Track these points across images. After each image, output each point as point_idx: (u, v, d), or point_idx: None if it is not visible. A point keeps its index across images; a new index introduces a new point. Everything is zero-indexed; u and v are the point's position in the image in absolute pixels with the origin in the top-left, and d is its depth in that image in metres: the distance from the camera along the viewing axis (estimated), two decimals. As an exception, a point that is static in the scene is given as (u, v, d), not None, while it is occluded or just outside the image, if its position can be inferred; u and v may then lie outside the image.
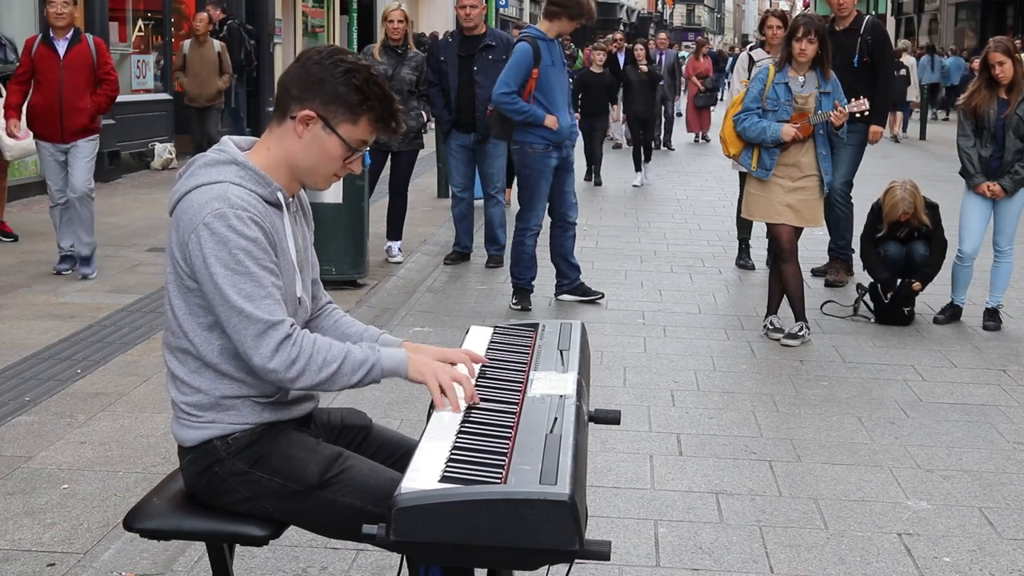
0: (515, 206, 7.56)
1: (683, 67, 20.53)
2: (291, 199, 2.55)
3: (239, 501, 2.49)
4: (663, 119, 18.33)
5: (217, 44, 12.86)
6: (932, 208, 7.08)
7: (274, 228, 2.45)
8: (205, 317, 2.43)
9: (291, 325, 2.39)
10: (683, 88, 21.48)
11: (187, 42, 12.93)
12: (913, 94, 21.18)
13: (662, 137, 18.39)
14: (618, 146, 18.59)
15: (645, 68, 15.17)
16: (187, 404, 2.51)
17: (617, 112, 17.06)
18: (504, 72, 7.00)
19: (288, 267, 2.49)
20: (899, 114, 20.52)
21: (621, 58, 17.87)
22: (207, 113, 12.86)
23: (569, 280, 7.44)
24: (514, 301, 7.30)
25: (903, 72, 19.27)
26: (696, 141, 19.78)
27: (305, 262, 2.62)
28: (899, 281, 7.02)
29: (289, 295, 2.49)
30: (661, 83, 17.18)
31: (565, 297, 7.44)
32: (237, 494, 2.49)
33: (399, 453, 2.68)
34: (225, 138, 2.58)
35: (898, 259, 7.06)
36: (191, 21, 15.60)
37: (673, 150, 18.59)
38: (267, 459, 2.47)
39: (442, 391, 2.43)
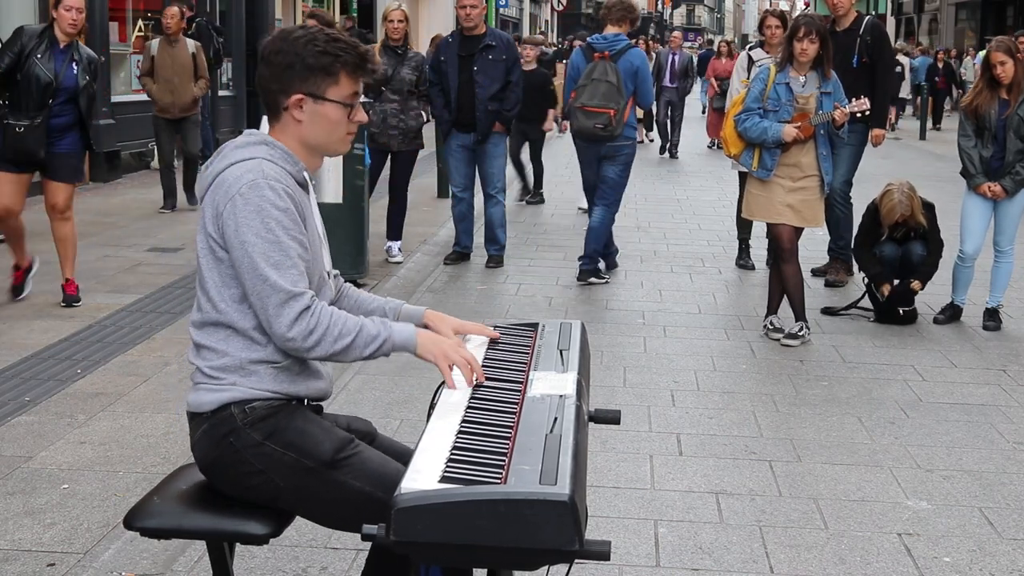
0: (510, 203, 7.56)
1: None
2: (312, 179, 2.67)
3: (250, 474, 2.51)
4: (669, 125, 17.37)
5: (191, 44, 10.95)
6: (928, 208, 7.08)
7: (302, 204, 2.55)
8: (237, 288, 2.51)
9: (311, 297, 2.48)
10: (692, 89, 20.02)
11: (154, 42, 10.91)
12: (905, 90, 22.29)
13: (668, 144, 17.47)
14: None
15: (533, 65, 11.58)
16: (212, 368, 2.55)
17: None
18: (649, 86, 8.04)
19: (316, 241, 2.60)
20: (892, 108, 20.74)
21: None
22: (184, 126, 10.82)
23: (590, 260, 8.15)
24: (607, 277, 8.11)
25: (898, 69, 19.51)
26: (711, 147, 18.23)
27: (325, 240, 2.73)
28: (897, 281, 7.02)
29: (317, 270, 2.59)
30: (673, 85, 16.59)
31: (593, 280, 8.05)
32: (249, 466, 2.51)
33: (401, 462, 2.69)
34: (247, 131, 2.68)
35: (894, 259, 7.06)
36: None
37: (676, 158, 17.38)
38: (282, 432, 2.52)
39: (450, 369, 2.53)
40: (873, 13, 32.27)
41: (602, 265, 8.23)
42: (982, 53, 24.85)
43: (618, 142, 7.82)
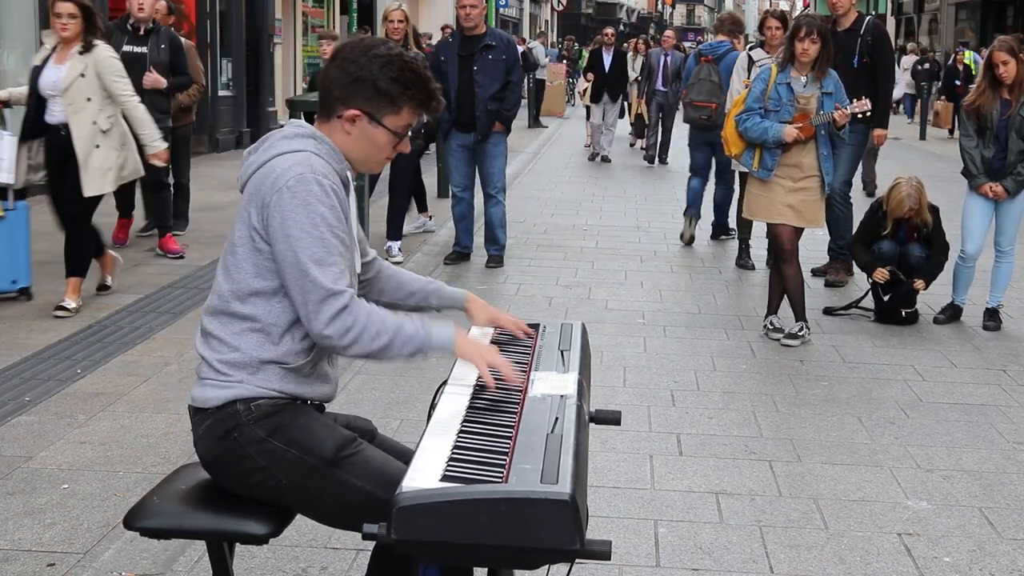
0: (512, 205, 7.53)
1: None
2: (355, 180, 2.71)
3: (253, 470, 2.51)
4: (660, 130, 16.34)
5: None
6: (933, 210, 7.07)
7: (343, 201, 2.56)
8: (272, 281, 2.50)
9: (351, 296, 2.49)
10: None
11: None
12: (899, 91, 22.72)
13: (656, 151, 16.40)
14: (594, 156, 16.84)
15: None
16: (220, 361, 2.54)
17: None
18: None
19: (351, 241, 2.61)
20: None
21: (607, 58, 16.69)
22: (174, 141, 8.48)
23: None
24: (733, 233, 9.57)
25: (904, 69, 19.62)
26: None
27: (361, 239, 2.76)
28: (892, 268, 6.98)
29: (351, 268, 2.59)
30: (664, 88, 15.73)
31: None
32: (252, 462, 2.51)
33: (401, 461, 2.69)
34: (295, 121, 2.70)
35: (892, 258, 7.04)
36: (190, 21, 15.65)
37: (666, 164, 16.24)
38: (286, 429, 2.52)
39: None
40: (873, 13, 32.25)
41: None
42: (968, 53, 24.73)
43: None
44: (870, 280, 7.15)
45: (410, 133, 2.69)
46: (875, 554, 3.80)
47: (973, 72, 23.51)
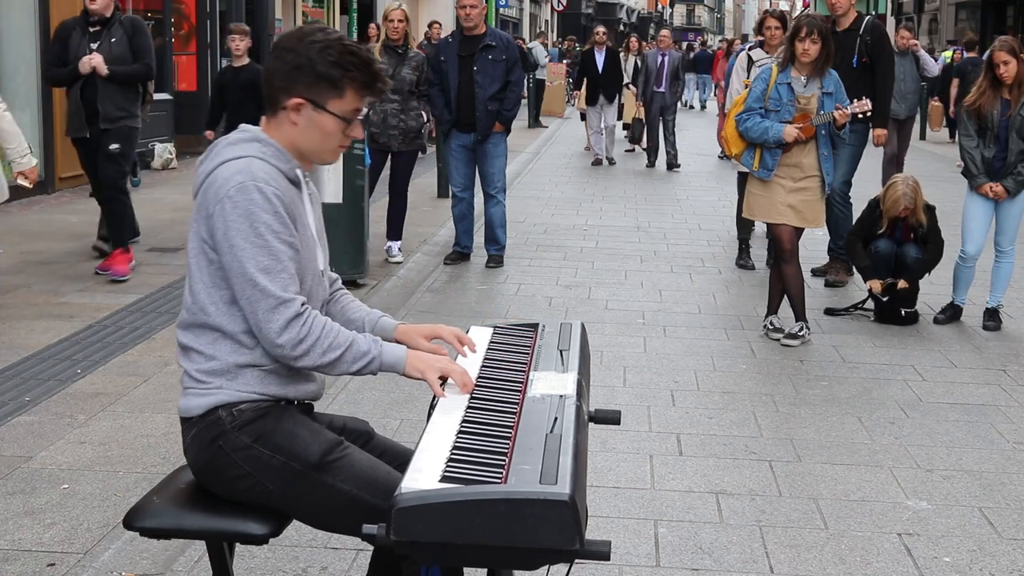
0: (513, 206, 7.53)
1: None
2: (306, 177, 2.64)
3: (241, 477, 2.51)
4: (663, 133, 15.84)
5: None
6: (929, 210, 7.07)
7: (294, 204, 2.52)
8: (227, 289, 2.48)
9: (302, 304, 2.46)
10: (683, 93, 18.26)
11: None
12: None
13: (667, 155, 15.79)
14: (598, 162, 16.10)
15: (245, 60, 8.83)
16: (199, 371, 2.54)
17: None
18: None
19: (308, 241, 2.57)
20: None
21: (600, 58, 15.96)
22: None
23: None
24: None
25: None
26: (722, 158, 15.76)
27: (322, 240, 2.71)
28: (890, 281, 6.99)
29: (311, 269, 2.57)
30: (662, 89, 15.37)
31: None
32: (239, 469, 2.50)
33: (398, 462, 2.68)
34: (242, 125, 2.65)
35: (888, 257, 7.04)
36: (190, 21, 15.66)
37: (678, 168, 15.62)
38: (270, 435, 2.51)
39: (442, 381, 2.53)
40: (873, 13, 32.24)
41: None
42: (947, 53, 24.41)
43: None
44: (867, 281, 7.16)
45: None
46: (875, 554, 3.80)
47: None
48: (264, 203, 2.43)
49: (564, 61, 26.92)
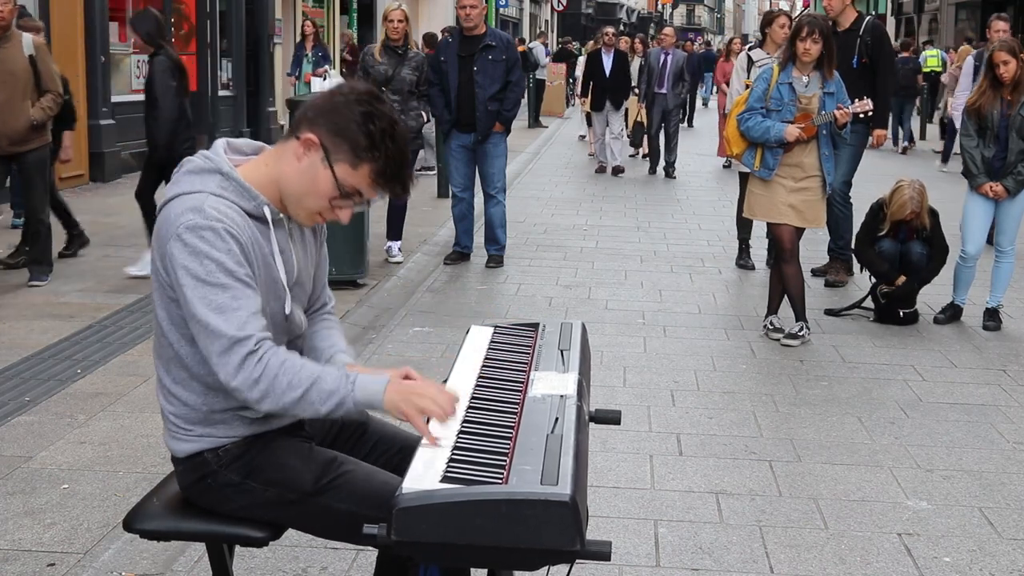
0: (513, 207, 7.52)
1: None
2: (282, 216, 2.44)
3: (235, 509, 2.49)
4: (664, 138, 14.99)
5: (28, 42, 7.15)
6: (933, 215, 7.07)
7: (255, 242, 2.37)
8: (187, 328, 2.36)
9: (257, 341, 2.29)
10: (686, 95, 16.95)
11: None
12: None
13: (664, 162, 15.05)
14: (602, 170, 15.21)
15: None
16: (175, 416, 2.47)
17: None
18: None
19: (272, 284, 2.42)
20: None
21: (608, 60, 14.84)
22: (24, 167, 7.22)
23: None
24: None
25: None
26: (727, 167, 15.15)
27: (302, 283, 2.55)
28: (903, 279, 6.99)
29: (274, 312, 2.43)
30: (664, 91, 14.58)
31: None
32: (232, 503, 2.48)
33: (396, 447, 2.66)
34: (220, 141, 2.48)
35: (892, 256, 7.04)
36: (190, 21, 15.66)
37: (674, 178, 14.79)
38: (261, 470, 2.45)
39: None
40: (873, 13, 32.25)
41: None
42: (929, 52, 24.17)
43: None
44: (872, 279, 7.15)
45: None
46: (875, 554, 3.80)
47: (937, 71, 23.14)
48: (216, 240, 2.28)
49: (563, 61, 26.87)
